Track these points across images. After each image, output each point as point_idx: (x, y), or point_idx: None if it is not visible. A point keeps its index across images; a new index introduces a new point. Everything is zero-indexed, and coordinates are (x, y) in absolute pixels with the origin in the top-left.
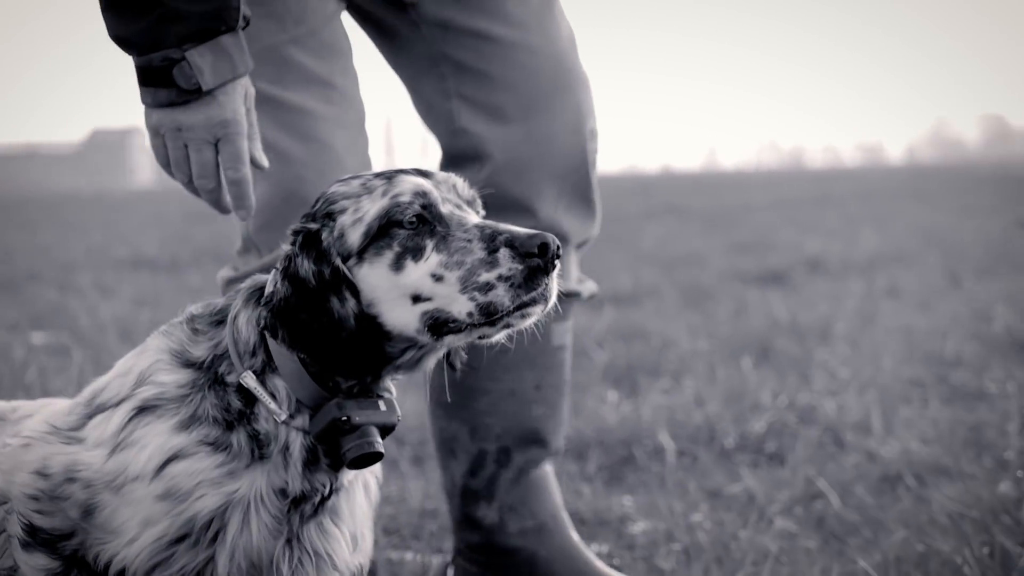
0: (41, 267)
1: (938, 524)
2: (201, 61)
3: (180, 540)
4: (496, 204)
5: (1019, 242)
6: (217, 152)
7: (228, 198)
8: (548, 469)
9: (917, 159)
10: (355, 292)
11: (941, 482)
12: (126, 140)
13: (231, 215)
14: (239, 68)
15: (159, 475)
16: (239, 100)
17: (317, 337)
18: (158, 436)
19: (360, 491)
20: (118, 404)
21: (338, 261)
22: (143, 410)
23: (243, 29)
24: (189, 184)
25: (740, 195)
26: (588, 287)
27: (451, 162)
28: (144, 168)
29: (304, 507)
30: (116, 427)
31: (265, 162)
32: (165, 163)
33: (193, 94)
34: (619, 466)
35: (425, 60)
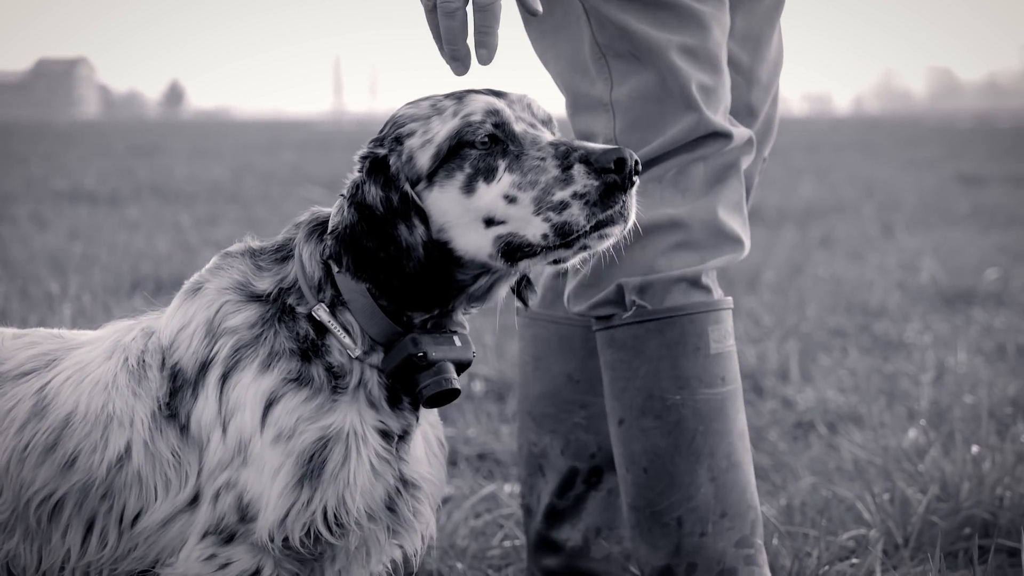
0: None
1: (844, 471)
2: None
3: (302, 480)
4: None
5: (955, 195)
6: None
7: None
8: None
9: (864, 110)
10: (424, 219)
11: (852, 430)
12: (73, 70)
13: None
14: None
15: (266, 423)
16: None
17: (383, 265)
18: (249, 388)
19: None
20: (202, 372)
21: (407, 187)
22: (229, 373)
23: None
24: (433, 12)
25: None
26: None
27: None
28: (90, 100)
29: (400, 446)
30: (214, 404)
31: (539, 6)
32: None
33: None
34: None
35: None
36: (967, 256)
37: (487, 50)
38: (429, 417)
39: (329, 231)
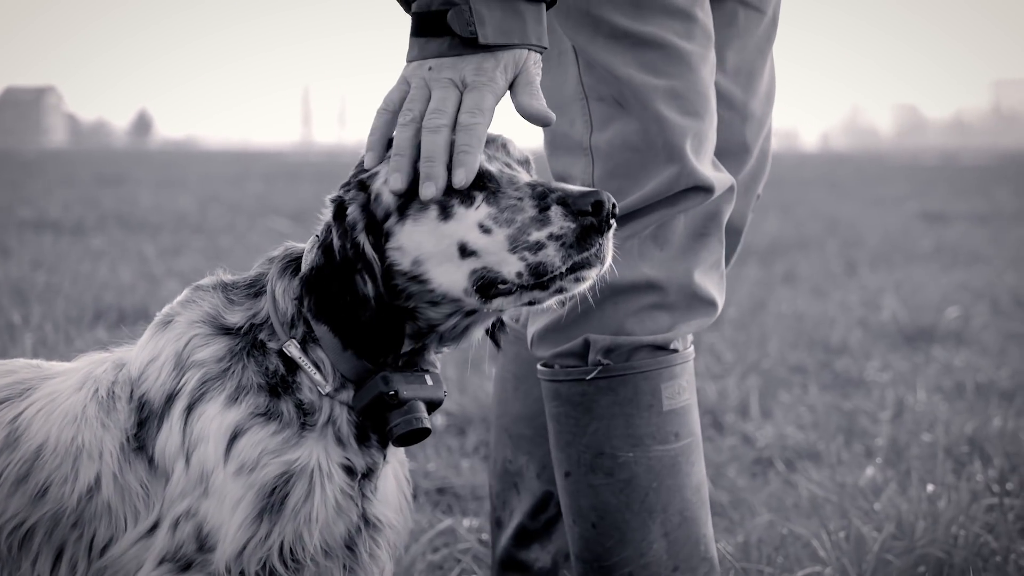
0: None
1: (801, 508)
2: (487, 13)
3: (262, 514)
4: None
5: (918, 233)
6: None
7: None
8: None
9: (831, 146)
10: (373, 276)
11: (809, 467)
12: (41, 99)
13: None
14: (530, 37)
15: (229, 455)
16: (507, 71)
17: (342, 311)
18: (214, 420)
19: (389, 472)
20: (168, 403)
21: (361, 237)
22: (194, 404)
23: (549, 7)
24: (409, 124)
25: None
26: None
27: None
28: (58, 129)
29: (365, 484)
30: (178, 436)
31: (552, 115)
32: (392, 104)
33: (467, 47)
34: None
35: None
36: (928, 294)
37: (466, 170)
38: (398, 454)
39: (301, 272)
